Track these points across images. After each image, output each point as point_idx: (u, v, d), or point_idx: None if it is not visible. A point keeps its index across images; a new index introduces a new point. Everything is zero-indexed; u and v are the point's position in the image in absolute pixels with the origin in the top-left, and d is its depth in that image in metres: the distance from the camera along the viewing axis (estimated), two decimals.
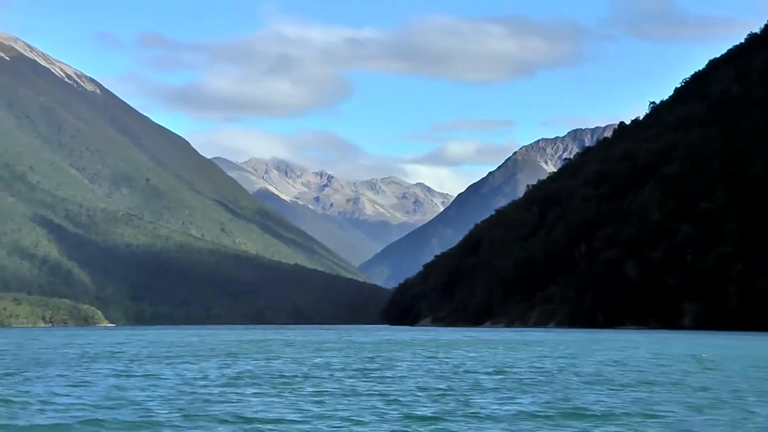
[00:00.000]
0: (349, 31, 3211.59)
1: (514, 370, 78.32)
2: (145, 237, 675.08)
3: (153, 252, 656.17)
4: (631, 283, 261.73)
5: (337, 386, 59.61)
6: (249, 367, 79.00)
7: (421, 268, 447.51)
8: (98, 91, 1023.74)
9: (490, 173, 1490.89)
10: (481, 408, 48.83)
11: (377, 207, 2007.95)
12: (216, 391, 56.23)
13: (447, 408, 48.72)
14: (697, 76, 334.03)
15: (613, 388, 59.39)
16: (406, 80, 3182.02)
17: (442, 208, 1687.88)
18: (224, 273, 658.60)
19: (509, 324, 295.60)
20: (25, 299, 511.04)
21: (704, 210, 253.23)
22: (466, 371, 76.18)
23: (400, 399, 52.31)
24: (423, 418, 44.81)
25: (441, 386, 61.28)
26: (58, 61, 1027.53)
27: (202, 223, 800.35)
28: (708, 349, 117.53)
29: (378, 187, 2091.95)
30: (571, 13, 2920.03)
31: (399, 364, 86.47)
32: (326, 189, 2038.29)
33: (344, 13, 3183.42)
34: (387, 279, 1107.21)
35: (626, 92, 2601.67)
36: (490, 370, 77.17)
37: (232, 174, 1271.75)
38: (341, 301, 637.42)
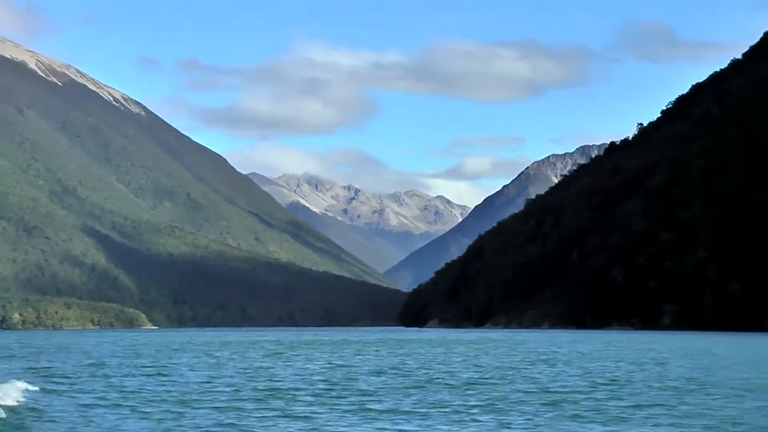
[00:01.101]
0: (374, 55, 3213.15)
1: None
2: (186, 246, 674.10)
3: (193, 260, 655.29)
4: (617, 286, 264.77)
5: None
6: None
7: None
8: (143, 112, 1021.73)
9: (504, 186, 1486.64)
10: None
11: (401, 218, 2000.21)
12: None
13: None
14: (682, 98, 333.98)
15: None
16: (427, 100, 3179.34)
17: (460, 219, 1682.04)
18: (258, 279, 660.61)
19: (507, 325, 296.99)
20: (75, 304, 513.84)
21: (683, 219, 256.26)
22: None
23: None
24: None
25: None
26: (106, 86, 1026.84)
27: (238, 233, 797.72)
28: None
29: (401, 199, 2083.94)
30: (578, 37, 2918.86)
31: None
32: (353, 201, 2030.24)
33: (369, 38, 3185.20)
34: (410, 284, 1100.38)
35: (631, 110, 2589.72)
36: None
37: (266, 188, 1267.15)
38: (366, 305, 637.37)
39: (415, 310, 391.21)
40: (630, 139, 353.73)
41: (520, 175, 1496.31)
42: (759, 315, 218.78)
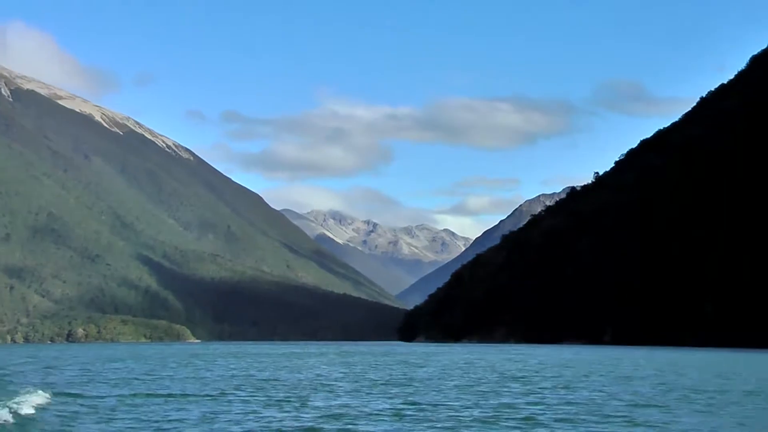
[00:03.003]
0: (389, 109, 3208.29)
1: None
2: (225, 272, 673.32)
3: (231, 283, 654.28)
4: (569, 309, 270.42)
5: None
6: None
7: None
8: (191, 158, 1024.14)
9: (501, 221, 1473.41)
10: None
11: (412, 248, 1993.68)
12: None
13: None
14: (631, 152, 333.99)
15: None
16: (434, 147, 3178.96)
17: (463, 249, 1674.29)
18: (287, 300, 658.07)
19: (480, 340, 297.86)
20: (130, 321, 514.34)
21: (623, 254, 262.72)
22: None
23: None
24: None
25: None
26: (160, 135, 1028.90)
27: (271, 261, 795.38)
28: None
29: (413, 232, 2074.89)
30: (563, 93, 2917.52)
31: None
32: (372, 234, 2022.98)
33: (384, 95, 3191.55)
34: None
35: (607, 157, 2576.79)
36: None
37: (296, 222, 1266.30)
38: (380, 322, 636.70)
39: (410, 327, 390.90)
40: (588, 185, 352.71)
41: (514, 211, 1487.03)
42: (681, 332, 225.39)
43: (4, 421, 38.99)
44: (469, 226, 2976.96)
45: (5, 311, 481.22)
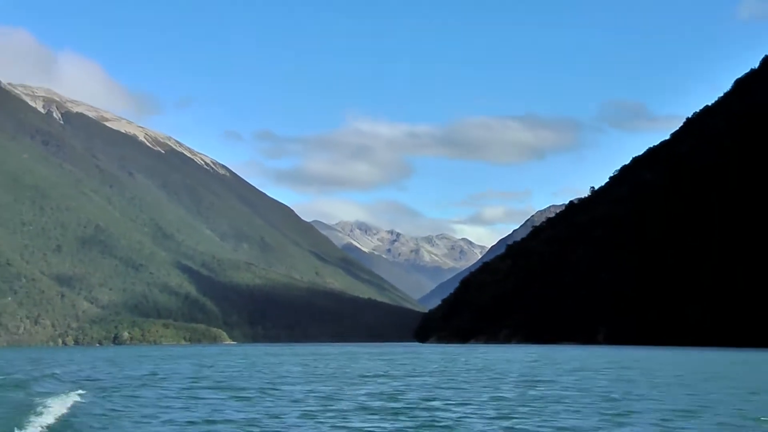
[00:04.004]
0: (409, 127, 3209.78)
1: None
2: (259, 279, 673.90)
3: (264, 290, 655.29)
4: (566, 312, 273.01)
5: None
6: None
7: None
8: (227, 174, 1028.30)
9: (514, 230, 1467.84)
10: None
11: (433, 256, 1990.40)
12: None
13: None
14: (624, 168, 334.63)
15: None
16: (452, 162, 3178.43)
17: (480, 256, 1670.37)
18: (317, 305, 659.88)
19: (486, 341, 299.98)
20: (171, 324, 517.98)
21: (617, 262, 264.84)
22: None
23: None
24: None
25: None
26: (199, 153, 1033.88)
27: (302, 268, 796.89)
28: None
29: (433, 241, 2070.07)
30: (571, 112, 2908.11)
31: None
32: (395, 243, 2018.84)
33: (405, 114, 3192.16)
34: None
35: (610, 171, 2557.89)
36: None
37: (325, 232, 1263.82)
38: (402, 325, 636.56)
39: (425, 329, 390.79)
40: (585, 198, 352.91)
41: (526, 221, 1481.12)
42: (668, 332, 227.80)
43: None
44: (485, 235, 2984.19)
45: (57, 317, 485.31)
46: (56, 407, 43.06)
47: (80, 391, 54.31)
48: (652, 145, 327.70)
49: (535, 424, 37.22)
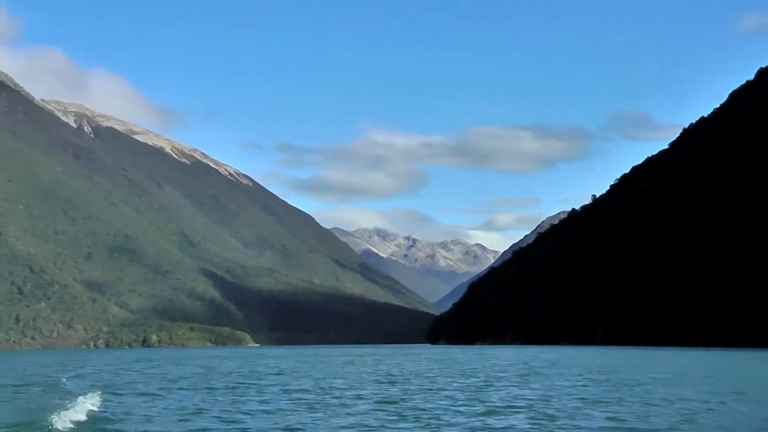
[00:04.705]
0: (423, 138, 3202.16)
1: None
2: (281, 285, 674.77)
3: (286, 294, 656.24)
4: (565, 316, 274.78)
5: None
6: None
7: None
8: (250, 183, 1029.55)
9: (525, 236, 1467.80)
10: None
11: (448, 261, 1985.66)
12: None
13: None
14: (624, 177, 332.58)
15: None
16: (465, 171, 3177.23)
17: (493, 261, 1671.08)
18: (336, 309, 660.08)
19: (492, 343, 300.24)
20: (197, 328, 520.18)
21: (613, 270, 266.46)
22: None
23: None
24: None
25: None
26: (222, 164, 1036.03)
27: (322, 274, 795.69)
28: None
29: (449, 247, 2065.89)
30: (579, 122, 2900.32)
31: None
32: (412, 249, 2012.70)
33: (419, 125, 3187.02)
34: None
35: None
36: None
37: (344, 239, 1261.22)
38: (418, 328, 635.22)
39: (436, 331, 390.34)
40: (586, 206, 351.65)
41: (537, 227, 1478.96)
42: (668, 335, 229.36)
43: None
44: (497, 240, 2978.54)
45: (89, 321, 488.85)
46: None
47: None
48: (650, 155, 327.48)
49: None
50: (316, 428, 35.90)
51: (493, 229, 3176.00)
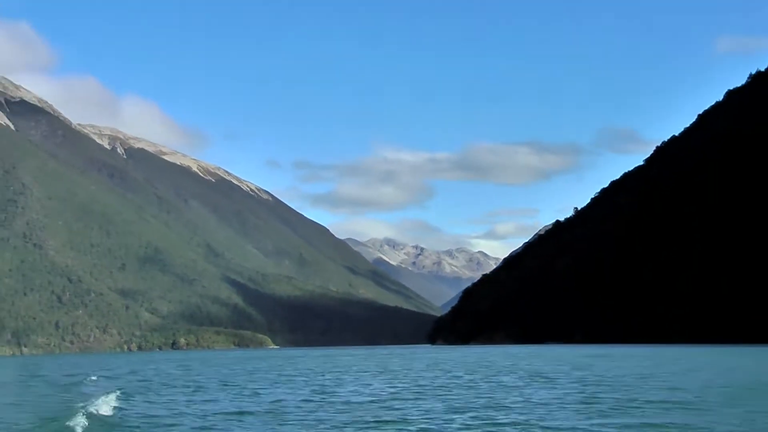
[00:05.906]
0: (429, 154, 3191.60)
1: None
2: (299, 291, 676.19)
3: (303, 300, 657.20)
4: (549, 318, 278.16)
5: None
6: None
7: None
8: (270, 198, 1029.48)
9: (524, 243, 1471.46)
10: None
11: (453, 267, 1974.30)
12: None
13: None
14: (604, 190, 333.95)
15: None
16: (468, 184, 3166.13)
17: (494, 267, 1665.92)
18: (349, 313, 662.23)
19: (484, 343, 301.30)
20: (222, 332, 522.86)
21: (593, 279, 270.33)
22: None
23: None
24: None
25: None
26: (244, 180, 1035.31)
27: (336, 281, 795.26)
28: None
29: (453, 254, 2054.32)
30: (571, 138, 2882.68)
31: None
32: (419, 257, 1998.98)
33: (425, 142, 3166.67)
34: None
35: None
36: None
37: (357, 249, 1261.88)
38: (425, 329, 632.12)
39: (436, 332, 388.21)
40: (569, 217, 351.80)
41: (534, 235, 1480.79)
42: (644, 333, 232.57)
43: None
44: (498, 248, 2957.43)
45: (122, 326, 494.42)
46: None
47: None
48: (627, 170, 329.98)
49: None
50: None
51: (495, 237, 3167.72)
